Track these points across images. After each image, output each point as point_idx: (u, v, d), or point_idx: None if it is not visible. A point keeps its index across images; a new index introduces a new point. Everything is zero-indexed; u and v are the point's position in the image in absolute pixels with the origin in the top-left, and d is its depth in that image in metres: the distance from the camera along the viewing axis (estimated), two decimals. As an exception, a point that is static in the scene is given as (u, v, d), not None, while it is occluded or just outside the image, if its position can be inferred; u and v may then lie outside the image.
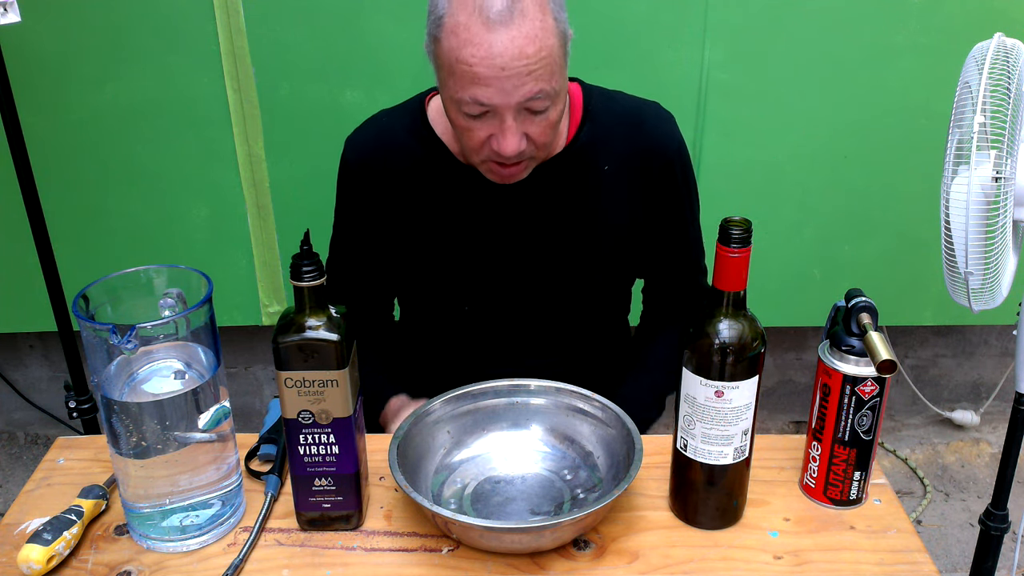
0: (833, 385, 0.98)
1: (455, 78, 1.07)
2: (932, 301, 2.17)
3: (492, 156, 1.13)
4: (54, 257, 1.73)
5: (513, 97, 1.06)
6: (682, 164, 1.30)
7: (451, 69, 1.07)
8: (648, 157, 1.26)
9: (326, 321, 0.91)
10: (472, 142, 1.13)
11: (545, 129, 1.12)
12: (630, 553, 0.97)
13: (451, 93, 1.09)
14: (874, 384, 0.96)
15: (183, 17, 1.82)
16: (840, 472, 1.01)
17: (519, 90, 1.06)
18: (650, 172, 1.27)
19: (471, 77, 1.05)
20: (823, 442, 1.01)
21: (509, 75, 1.04)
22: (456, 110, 1.11)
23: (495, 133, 1.10)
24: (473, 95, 1.07)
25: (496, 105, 1.07)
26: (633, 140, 1.26)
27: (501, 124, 1.09)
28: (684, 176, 1.30)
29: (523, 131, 1.11)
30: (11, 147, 1.64)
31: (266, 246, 2.05)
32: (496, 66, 1.04)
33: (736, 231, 0.87)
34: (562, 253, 1.28)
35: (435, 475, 1.06)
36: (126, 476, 0.95)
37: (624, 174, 1.26)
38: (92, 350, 0.90)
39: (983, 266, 1.20)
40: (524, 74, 1.05)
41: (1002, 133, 1.16)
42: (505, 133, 1.09)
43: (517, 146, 1.10)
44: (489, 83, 1.05)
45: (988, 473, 2.38)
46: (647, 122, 1.27)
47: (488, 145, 1.12)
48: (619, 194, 1.27)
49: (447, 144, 1.25)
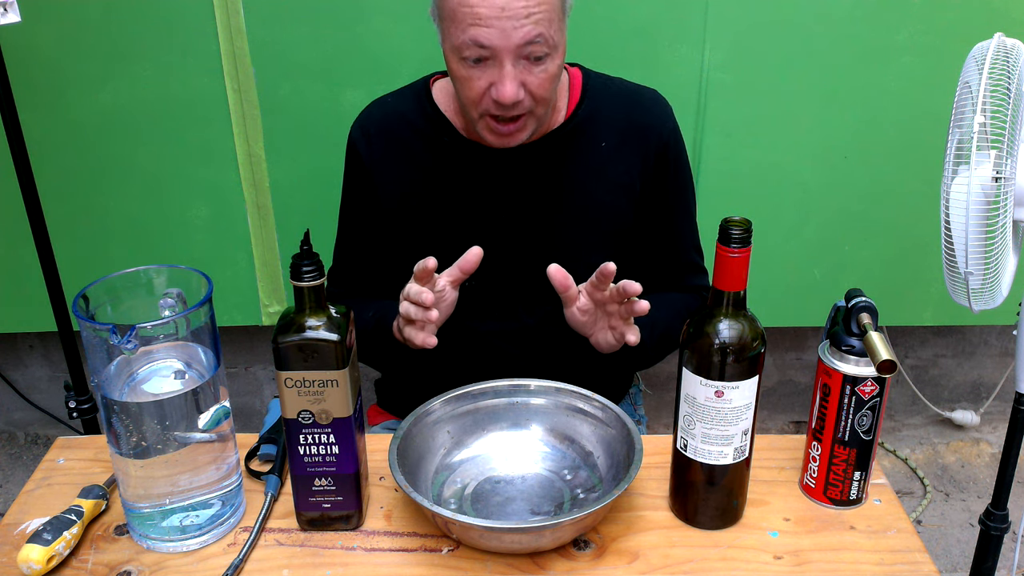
0: (833, 385, 0.98)
1: (456, 22, 1.11)
2: (932, 301, 2.17)
3: (491, 108, 1.16)
4: (54, 257, 1.73)
5: (512, 39, 1.10)
6: (676, 150, 1.32)
7: (453, 14, 1.11)
8: (644, 135, 1.29)
9: (326, 321, 0.91)
10: (472, 92, 1.16)
11: (543, 81, 1.16)
12: (630, 553, 0.97)
13: (452, 41, 1.13)
14: (874, 384, 0.96)
15: (183, 17, 1.82)
16: (840, 472, 1.01)
17: (518, 31, 1.10)
18: (646, 151, 1.29)
19: (472, 18, 1.09)
20: (823, 442, 1.01)
21: (509, 15, 1.09)
22: (456, 58, 1.14)
23: (494, 81, 1.14)
24: (474, 36, 1.10)
25: (496, 47, 1.11)
26: (630, 117, 1.29)
27: (500, 70, 1.13)
28: (677, 163, 1.32)
29: (521, 80, 1.14)
30: (11, 147, 1.64)
31: (266, 246, 2.05)
32: (497, 6, 1.08)
33: (736, 231, 0.87)
34: (563, 227, 1.30)
35: (435, 475, 1.06)
36: (126, 476, 0.95)
37: (622, 151, 1.29)
38: (92, 350, 0.90)
39: (983, 266, 1.20)
40: (523, 15, 1.09)
41: (1002, 133, 1.16)
42: (504, 79, 1.13)
43: (515, 93, 1.13)
44: (490, 23, 1.09)
45: (988, 473, 2.38)
46: (644, 101, 1.32)
47: (487, 95, 1.15)
48: (617, 170, 1.29)
49: (451, 120, 1.28)
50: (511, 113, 1.17)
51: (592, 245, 1.31)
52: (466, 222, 1.30)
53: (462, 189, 1.29)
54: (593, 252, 1.31)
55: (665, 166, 1.31)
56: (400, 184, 1.30)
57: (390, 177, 1.31)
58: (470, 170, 1.28)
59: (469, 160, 1.28)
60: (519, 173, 1.28)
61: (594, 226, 1.30)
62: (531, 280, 1.31)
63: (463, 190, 1.29)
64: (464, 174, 1.29)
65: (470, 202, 1.29)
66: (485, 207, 1.29)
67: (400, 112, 1.32)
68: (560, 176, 1.28)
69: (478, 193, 1.29)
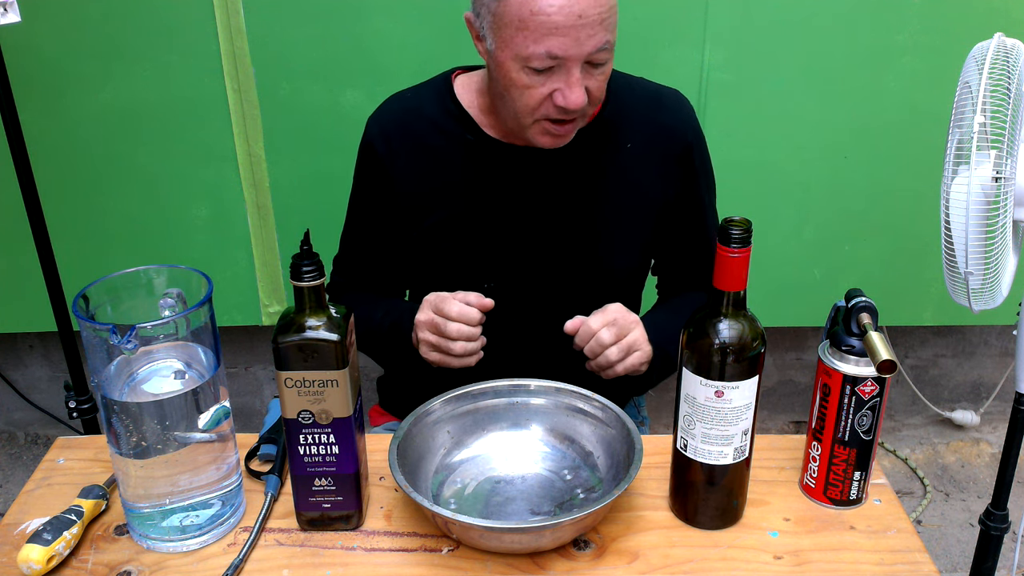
0: (833, 385, 0.98)
1: (527, 31, 1.08)
2: (932, 301, 2.17)
3: (550, 113, 1.15)
4: (54, 257, 1.73)
5: (585, 47, 1.09)
6: (700, 150, 1.32)
7: (523, 23, 1.08)
8: (669, 137, 1.29)
9: (326, 321, 0.91)
10: (531, 100, 1.14)
11: (601, 83, 1.15)
12: (630, 553, 0.97)
13: (519, 50, 1.10)
14: (874, 384, 0.96)
15: (183, 17, 1.82)
16: (840, 472, 1.01)
17: (591, 39, 1.09)
18: (670, 154, 1.29)
19: (548, 27, 1.07)
20: (823, 442, 1.01)
21: (585, 23, 1.07)
22: (520, 67, 1.12)
23: (559, 88, 1.12)
24: (548, 47, 1.08)
25: (568, 56, 1.09)
26: (654, 120, 1.29)
27: (568, 77, 1.11)
28: (703, 164, 1.32)
29: (585, 84, 1.13)
30: (11, 147, 1.64)
31: (266, 246, 2.05)
32: (574, 14, 1.07)
33: (736, 231, 0.87)
34: (586, 229, 1.29)
35: (435, 475, 1.06)
36: (126, 476, 0.95)
37: (647, 154, 1.28)
38: (92, 350, 0.90)
39: (983, 266, 1.20)
40: (598, 23, 1.08)
41: (1002, 133, 1.16)
42: (572, 86, 1.11)
43: (582, 98, 1.12)
44: (566, 32, 1.07)
45: (988, 473, 2.38)
46: (667, 104, 1.31)
47: (549, 102, 1.14)
48: (642, 173, 1.29)
49: (475, 118, 1.27)
50: (571, 116, 1.16)
51: (615, 249, 1.30)
52: (490, 221, 1.28)
53: (486, 188, 1.28)
54: (615, 255, 1.31)
55: (691, 169, 1.31)
56: (421, 182, 1.29)
57: (410, 175, 1.29)
58: (495, 169, 1.27)
59: (495, 159, 1.27)
60: (547, 173, 1.26)
61: (615, 228, 1.30)
62: (553, 281, 1.31)
63: (487, 189, 1.28)
64: (489, 173, 1.27)
65: (494, 201, 1.28)
66: (510, 205, 1.28)
67: (421, 109, 1.29)
68: (586, 177, 1.28)
69: (503, 193, 1.28)
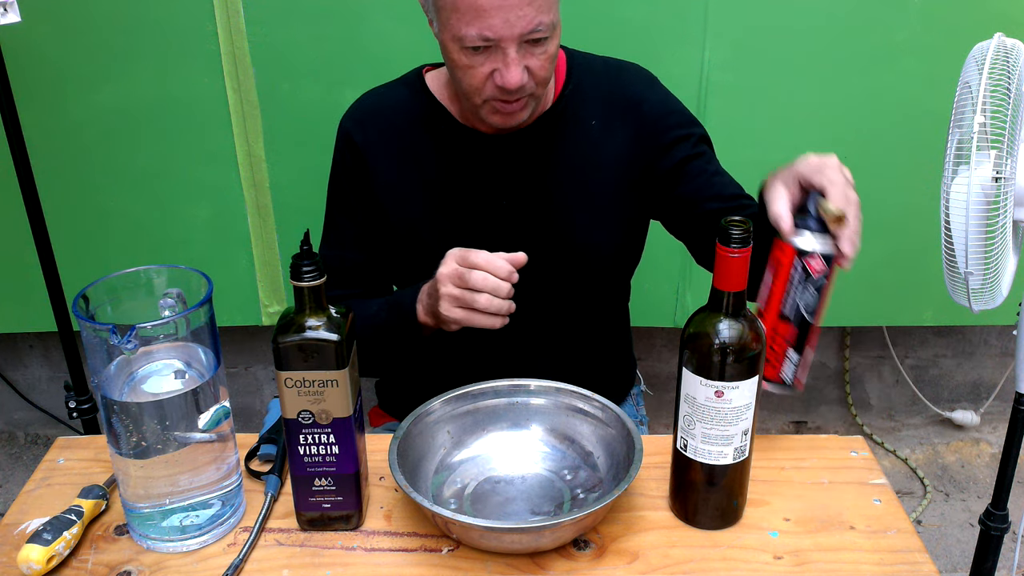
0: (784, 259, 1.00)
1: (459, 13, 1.11)
2: (932, 301, 2.16)
3: (495, 94, 1.17)
4: (54, 257, 1.73)
5: (516, 28, 1.11)
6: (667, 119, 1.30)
7: (455, 5, 1.11)
8: (629, 109, 1.29)
9: (326, 321, 0.91)
10: (474, 80, 1.16)
11: (544, 63, 1.17)
12: (630, 553, 0.97)
13: (455, 31, 1.13)
14: (823, 263, 0.98)
15: (183, 17, 1.82)
16: (778, 350, 1.03)
17: (521, 20, 1.11)
18: (636, 126, 1.29)
19: (476, 9, 1.10)
20: (766, 319, 1.03)
21: (512, 4, 1.09)
22: (458, 48, 1.15)
23: (498, 68, 1.14)
24: (479, 28, 1.11)
25: (500, 37, 1.11)
26: (613, 92, 1.30)
27: (504, 58, 1.13)
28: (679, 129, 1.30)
29: (524, 64, 1.15)
30: (11, 147, 1.64)
31: (266, 246, 2.05)
32: None
33: (736, 231, 0.87)
34: (562, 207, 1.30)
35: (435, 475, 1.06)
36: (126, 476, 0.95)
37: (611, 128, 1.30)
38: (92, 350, 0.90)
39: (983, 266, 1.20)
40: (526, 3, 1.10)
41: (1002, 133, 1.16)
42: (509, 66, 1.13)
43: (520, 78, 1.14)
44: (494, 14, 1.10)
45: (988, 473, 2.38)
46: (624, 76, 1.33)
47: (491, 81, 1.16)
48: (609, 148, 1.30)
49: (447, 108, 1.29)
50: (515, 96, 1.17)
51: (591, 225, 1.31)
52: (464, 207, 1.30)
53: (460, 174, 1.30)
54: (594, 231, 1.31)
55: (663, 137, 1.29)
56: (398, 171, 1.31)
57: (387, 164, 1.31)
58: (468, 156, 1.29)
59: (467, 146, 1.29)
60: (516, 157, 1.29)
61: (591, 205, 1.30)
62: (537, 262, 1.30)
63: (461, 175, 1.30)
64: (462, 160, 1.29)
65: (469, 188, 1.30)
66: (484, 192, 1.30)
67: (395, 101, 1.33)
68: (555, 157, 1.29)
69: (476, 178, 1.29)
